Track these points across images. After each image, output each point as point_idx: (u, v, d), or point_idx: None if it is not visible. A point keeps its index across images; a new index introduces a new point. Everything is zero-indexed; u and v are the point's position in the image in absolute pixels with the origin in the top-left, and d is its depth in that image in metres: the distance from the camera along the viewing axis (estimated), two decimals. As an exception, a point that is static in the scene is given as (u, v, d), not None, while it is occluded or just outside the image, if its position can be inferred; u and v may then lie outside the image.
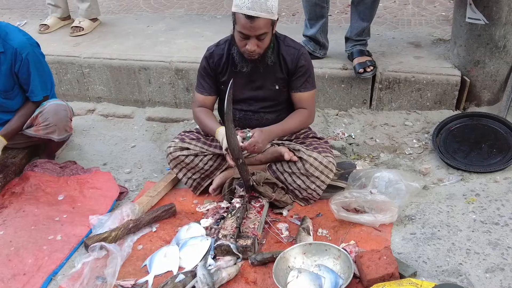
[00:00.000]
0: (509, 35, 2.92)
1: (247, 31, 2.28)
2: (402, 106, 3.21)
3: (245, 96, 2.58)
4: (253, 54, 2.37)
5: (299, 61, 2.49)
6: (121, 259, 2.21)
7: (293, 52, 2.50)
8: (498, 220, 2.34)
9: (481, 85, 3.11)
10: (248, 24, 2.25)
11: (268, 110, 2.62)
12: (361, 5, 3.02)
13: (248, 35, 2.30)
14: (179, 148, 2.60)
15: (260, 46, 2.35)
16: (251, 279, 2.14)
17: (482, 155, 2.76)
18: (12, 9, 4.79)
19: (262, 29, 2.28)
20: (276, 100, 2.60)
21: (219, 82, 2.61)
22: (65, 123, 2.84)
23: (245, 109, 2.62)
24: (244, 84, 2.54)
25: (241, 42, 2.35)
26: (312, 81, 2.58)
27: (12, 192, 2.78)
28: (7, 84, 2.72)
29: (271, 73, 2.52)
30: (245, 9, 2.22)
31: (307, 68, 2.53)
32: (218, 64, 2.56)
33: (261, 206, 2.47)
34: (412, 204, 2.50)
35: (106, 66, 3.58)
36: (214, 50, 2.56)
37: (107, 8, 4.65)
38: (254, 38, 2.30)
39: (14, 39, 2.65)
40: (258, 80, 2.55)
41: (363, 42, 3.17)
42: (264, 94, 2.58)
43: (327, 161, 2.47)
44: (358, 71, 3.07)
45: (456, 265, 2.11)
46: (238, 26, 2.30)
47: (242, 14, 2.24)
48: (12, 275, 2.25)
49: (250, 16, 2.22)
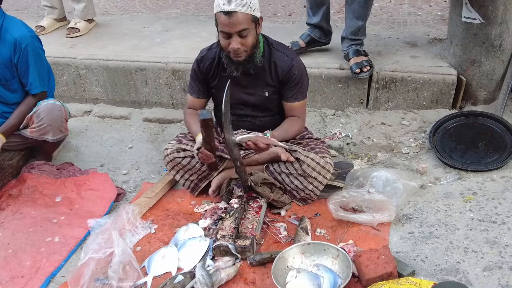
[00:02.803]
0: (504, 34, 2.93)
1: (227, 28, 2.24)
2: (399, 105, 3.22)
3: (235, 101, 2.53)
4: (238, 53, 2.31)
5: (291, 71, 2.45)
6: (121, 260, 2.20)
7: (286, 60, 2.45)
8: (495, 219, 2.35)
9: (477, 84, 3.12)
10: (227, 20, 2.21)
11: (260, 115, 2.61)
12: (354, 3, 3.01)
13: (229, 33, 2.26)
14: (176, 150, 2.60)
15: (244, 44, 2.29)
16: (250, 279, 2.14)
17: (478, 153, 2.77)
18: (7, 11, 4.65)
19: (242, 25, 2.23)
20: (266, 106, 2.59)
21: (210, 86, 2.59)
22: (60, 123, 2.82)
23: (236, 113, 2.59)
24: (233, 89, 2.48)
25: (225, 42, 2.31)
26: (304, 92, 2.54)
27: (9, 194, 2.77)
28: (6, 73, 2.73)
29: (261, 79, 2.50)
30: (222, 5, 2.21)
31: (300, 79, 2.48)
32: (209, 69, 2.54)
33: (259, 206, 2.47)
34: (409, 203, 2.51)
35: (103, 67, 3.57)
36: (206, 54, 2.54)
37: (102, 9, 4.64)
38: (236, 36, 2.26)
39: (16, 31, 2.69)
40: (247, 86, 2.52)
41: (359, 42, 3.17)
42: (254, 100, 2.56)
43: (324, 161, 2.48)
44: (354, 71, 3.07)
45: (454, 263, 2.12)
46: (219, 26, 2.28)
47: (220, 11, 2.22)
48: (10, 277, 2.24)
49: (227, 11, 2.20)
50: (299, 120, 2.60)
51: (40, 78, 2.79)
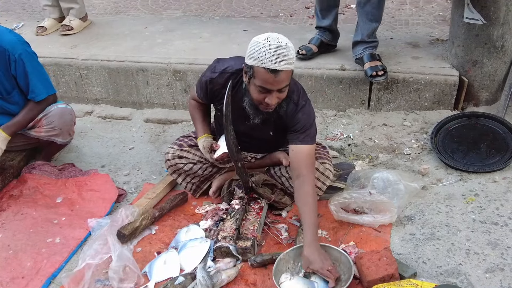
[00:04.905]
0: (507, 35, 2.92)
1: (270, 85, 2.07)
2: (401, 106, 3.21)
3: (240, 131, 2.41)
4: (271, 107, 2.18)
5: (297, 115, 2.28)
6: (122, 262, 2.20)
7: (292, 107, 2.28)
8: (497, 220, 2.34)
9: (479, 85, 3.11)
10: (272, 79, 2.03)
11: (263, 147, 2.58)
12: (367, 5, 2.96)
13: (270, 89, 2.09)
14: (177, 156, 2.57)
15: (279, 98, 2.15)
16: (251, 280, 2.14)
17: (480, 155, 2.76)
18: (9, 11, 4.78)
19: (285, 82, 2.08)
20: (270, 143, 2.54)
21: (215, 106, 2.50)
22: (70, 127, 2.86)
23: (241, 140, 2.45)
24: (240, 121, 2.36)
25: (260, 96, 2.12)
26: (312, 138, 2.31)
27: (10, 195, 2.77)
28: (5, 85, 2.67)
29: (268, 121, 2.35)
30: (268, 63, 2.00)
31: (306, 124, 2.29)
32: (217, 93, 2.39)
33: (260, 207, 2.46)
34: (411, 204, 2.50)
35: (104, 68, 3.57)
36: (216, 79, 2.34)
37: (104, 9, 4.64)
38: (275, 92, 2.10)
39: (3, 40, 2.58)
40: (252, 126, 2.35)
41: (375, 44, 3.12)
42: (259, 135, 2.47)
43: (324, 167, 2.45)
44: (370, 74, 3.00)
45: (456, 265, 2.11)
46: (259, 81, 2.07)
47: (266, 68, 2.01)
48: (10, 278, 2.24)
49: (274, 70, 2.01)
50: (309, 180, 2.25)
51: (42, 82, 2.74)
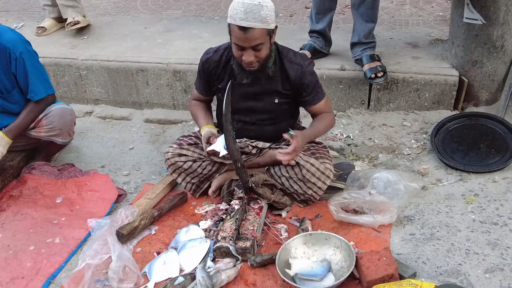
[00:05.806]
0: (506, 35, 2.92)
1: (242, 42, 2.19)
2: (400, 106, 3.21)
3: (242, 106, 2.49)
4: (252, 65, 2.28)
5: (304, 79, 2.40)
6: (122, 262, 2.20)
7: (296, 69, 2.39)
8: (497, 220, 2.34)
9: (479, 85, 3.11)
10: (242, 36, 2.16)
11: (266, 123, 2.56)
12: (362, 7, 2.97)
13: (243, 47, 2.21)
14: (177, 154, 2.58)
15: (257, 56, 2.25)
16: (251, 281, 2.14)
17: (480, 155, 2.76)
18: (9, 11, 4.78)
19: (257, 40, 2.18)
20: (274, 113, 2.54)
21: (216, 88, 2.55)
22: (70, 127, 2.86)
23: (242, 120, 2.54)
24: (241, 95, 2.46)
25: (238, 53, 2.26)
26: (321, 90, 2.50)
27: (10, 195, 2.77)
28: (5, 83, 2.68)
29: (271, 86, 2.44)
30: (238, 20, 2.13)
31: (314, 84, 2.44)
32: (214, 72, 2.48)
33: (260, 207, 2.46)
34: (411, 204, 2.50)
35: (104, 68, 3.57)
36: (212, 57, 2.47)
37: (104, 9, 4.64)
38: (250, 49, 2.21)
39: (5, 38, 2.59)
40: (256, 91, 2.46)
41: (373, 45, 3.13)
42: (263, 106, 2.50)
43: (324, 167, 2.46)
44: (369, 76, 3.01)
45: (455, 265, 2.11)
46: (233, 38, 2.22)
47: (236, 25, 2.15)
48: (10, 278, 2.24)
49: (243, 27, 2.14)
50: (329, 115, 2.56)
51: (42, 82, 2.74)
